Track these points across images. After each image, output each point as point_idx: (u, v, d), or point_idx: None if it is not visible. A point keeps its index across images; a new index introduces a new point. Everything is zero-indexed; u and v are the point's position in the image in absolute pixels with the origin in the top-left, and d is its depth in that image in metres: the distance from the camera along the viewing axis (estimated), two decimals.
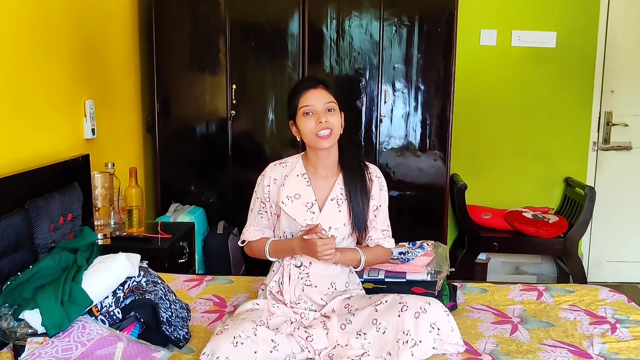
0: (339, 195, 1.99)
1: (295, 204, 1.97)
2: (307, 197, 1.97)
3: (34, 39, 2.46)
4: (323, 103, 1.92)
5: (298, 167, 2.02)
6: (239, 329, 1.71)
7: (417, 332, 1.77)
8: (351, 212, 1.97)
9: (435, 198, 3.67)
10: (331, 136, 1.92)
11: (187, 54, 3.61)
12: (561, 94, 4.11)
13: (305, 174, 2.01)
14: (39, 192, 2.22)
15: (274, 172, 2.03)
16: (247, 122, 3.64)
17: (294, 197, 1.97)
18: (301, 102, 1.92)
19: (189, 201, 3.67)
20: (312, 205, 1.97)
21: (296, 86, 1.99)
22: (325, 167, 2.00)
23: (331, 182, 2.01)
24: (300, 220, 1.95)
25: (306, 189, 1.98)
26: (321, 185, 2.00)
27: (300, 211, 1.96)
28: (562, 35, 4.03)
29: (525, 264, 4.33)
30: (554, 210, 4.16)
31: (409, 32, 3.54)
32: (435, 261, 2.24)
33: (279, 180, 2.01)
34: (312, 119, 1.91)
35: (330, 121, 1.91)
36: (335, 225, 1.95)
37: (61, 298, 1.62)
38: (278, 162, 2.05)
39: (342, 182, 2.00)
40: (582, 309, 2.21)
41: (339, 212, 1.97)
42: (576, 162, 4.18)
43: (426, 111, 3.61)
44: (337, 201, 1.98)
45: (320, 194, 1.99)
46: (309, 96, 1.92)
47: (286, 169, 2.03)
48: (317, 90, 1.93)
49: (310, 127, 1.91)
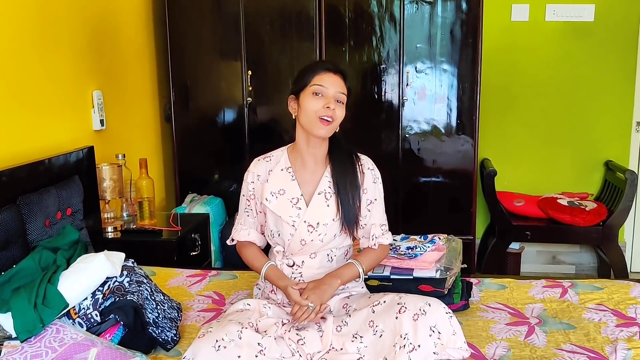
0: (327, 188, 1.86)
1: (280, 200, 1.85)
2: (292, 192, 1.85)
3: (37, 28, 2.42)
4: (337, 91, 1.81)
5: (283, 161, 1.90)
6: (223, 332, 1.61)
7: (416, 335, 1.62)
8: (340, 206, 1.83)
9: (463, 185, 3.49)
10: (331, 125, 1.80)
11: (202, 40, 3.51)
12: (600, 71, 3.83)
13: (290, 168, 1.89)
14: (36, 186, 2.17)
15: (257, 167, 1.92)
16: (264, 108, 3.54)
17: (278, 193, 1.85)
18: (316, 79, 1.80)
19: (207, 191, 3.61)
20: (297, 200, 1.84)
21: (315, 64, 1.88)
22: (314, 157, 1.87)
23: (319, 175, 1.88)
24: (286, 217, 1.83)
25: (291, 183, 1.86)
26: (308, 179, 1.88)
27: (285, 207, 1.84)
28: (601, 8, 3.74)
29: (562, 253, 4.09)
30: (594, 196, 3.90)
31: (432, 10, 3.34)
32: (446, 257, 2.09)
33: (263, 176, 1.90)
34: (320, 100, 1.79)
35: (336, 112, 1.80)
36: (324, 221, 1.83)
37: (35, 301, 1.55)
38: (262, 157, 1.94)
39: (330, 175, 1.87)
40: (609, 308, 2.01)
41: (327, 206, 1.84)
42: (617, 144, 3.90)
43: (452, 93, 3.42)
44: (324, 195, 1.85)
45: (306, 188, 1.87)
46: (326, 78, 1.80)
47: (270, 164, 1.91)
48: (336, 76, 1.82)
49: (315, 107, 1.79)
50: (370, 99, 3.45)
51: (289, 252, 1.88)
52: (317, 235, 1.83)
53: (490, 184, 3.62)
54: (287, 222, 1.83)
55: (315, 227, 1.82)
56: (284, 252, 1.88)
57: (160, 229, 2.81)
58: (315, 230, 1.82)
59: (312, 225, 1.82)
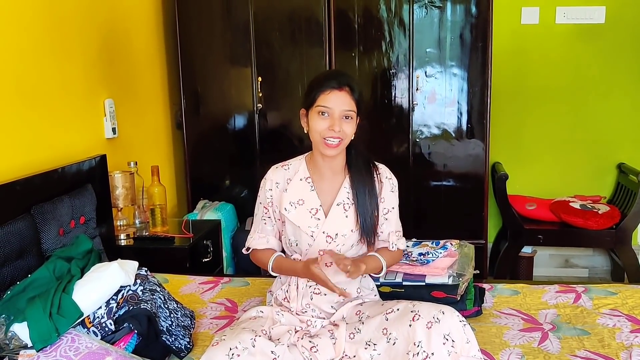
0: (346, 199, 1.85)
1: (299, 211, 1.84)
2: (312, 202, 1.85)
3: (50, 38, 2.44)
4: (342, 109, 1.76)
5: (301, 171, 1.89)
6: (236, 340, 1.61)
7: (430, 343, 1.62)
8: (359, 217, 1.83)
9: (475, 188, 3.47)
10: (339, 145, 1.78)
11: (212, 47, 3.53)
12: (612, 73, 3.80)
13: (309, 178, 1.88)
14: (50, 195, 2.19)
15: (276, 175, 1.91)
16: (274, 114, 3.54)
17: (297, 203, 1.85)
18: (320, 100, 1.77)
19: (219, 197, 3.62)
20: (316, 211, 1.84)
21: (321, 80, 1.80)
22: (332, 168, 1.87)
23: (337, 185, 1.87)
24: (305, 228, 1.83)
25: (310, 194, 1.86)
26: (326, 189, 1.87)
27: (304, 218, 1.84)
28: (612, 10, 3.71)
29: (575, 257, 4.06)
30: (606, 199, 3.87)
31: (441, 14, 3.33)
32: (458, 263, 2.08)
33: (282, 184, 1.89)
34: (326, 120, 1.77)
35: (344, 130, 1.77)
36: (342, 232, 1.82)
37: (50, 310, 1.56)
38: (280, 165, 1.94)
39: (349, 186, 1.86)
40: (624, 313, 2.00)
41: (346, 217, 1.84)
42: (630, 146, 3.87)
43: (462, 97, 3.41)
44: (343, 206, 1.85)
45: (325, 199, 1.86)
46: (331, 97, 1.76)
47: (289, 172, 1.91)
48: (341, 93, 1.76)
49: (320, 128, 1.77)
50: (381, 104, 3.45)
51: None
52: (335, 246, 1.82)
53: (502, 187, 3.60)
54: (306, 232, 1.83)
55: (334, 237, 1.82)
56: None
57: (173, 236, 2.83)
58: (334, 241, 1.82)
59: (330, 236, 1.82)
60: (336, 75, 1.82)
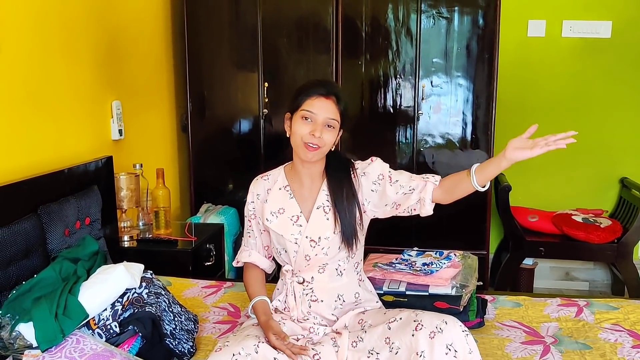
0: (325, 202, 1.86)
1: (280, 219, 1.86)
2: (292, 210, 1.86)
3: (58, 40, 2.45)
4: (326, 117, 1.78)
5: (280, 180, 1.91)
6: (240, 346, 1.62)
7: (432, 353, 1.62)
8: (339, 220, 1.83)
9: (477, 199, 3.44)
10: (318, 151, 1.79)
11: (219, 52, 3.54)
12: (617, 88, 3.82)
13: (288, 186, 1.89)
14: (56, 196, 2.20)
15: (256, 187, 1.94)
16: (279, 120, 3.53)
17: (278, 212, 1.87)
18: (305, 105, 1.79)
19: (222, 201, 3.62)
20: (297, 218, 1.85)
21: (309, 86, 1.83)
22: (310, 175, 1.88)
23: (316, 190, 1.88)
24: (288, 236, 1.84)
25: (289, 201, 1.87)
26: (306, 195, 1.88)
27: (286, 226, 1.85)
28: (618, 25, 3.74)
29: (576, 270, 4.06)
30: (608, 213, 3.88)
31: (449, 25, 3.35)
32: (461, 274, 2.09)
33: (262, 195, 1.92)
34: (308, 125, 1.78)
35: (324, 138, 1.78)
36: (325, 234, 1.83)
37: (56, 311, 1.57)
38: (260, 176, 1.96)
39: (327, 188, 1.87)
40: (625, 329, 2.01)
41: (327, 220, 1.84)
42: (633, 161, 3.88)
43: (467, 108, 3.42)
44: (323, 209, 1.85)
45: (305, 205, 1.87)
46: (317, 103, 1.78)
47: (268, 183, 1.93)
48: (327, 101, 1.79)
49: (302, 132, 1.78)
50: (386, 113, 3.46)
51: (296, 270, 1.88)
52: (320, 250, 1.83)
53: (505, 199, 3.61)
54: (290, 240, 1.84)
55: (318, 241, 1.83)
56: (292, 271, 1.89)
57: (176, 239, 2.84)
58: (318, 245, 1.83)
59: (314, 240, 1.83)
60: (325, 83, 1.84)
